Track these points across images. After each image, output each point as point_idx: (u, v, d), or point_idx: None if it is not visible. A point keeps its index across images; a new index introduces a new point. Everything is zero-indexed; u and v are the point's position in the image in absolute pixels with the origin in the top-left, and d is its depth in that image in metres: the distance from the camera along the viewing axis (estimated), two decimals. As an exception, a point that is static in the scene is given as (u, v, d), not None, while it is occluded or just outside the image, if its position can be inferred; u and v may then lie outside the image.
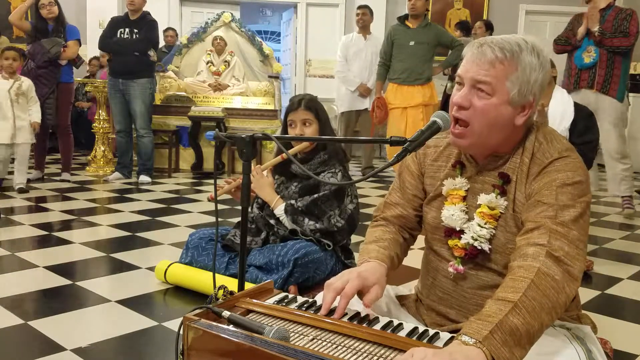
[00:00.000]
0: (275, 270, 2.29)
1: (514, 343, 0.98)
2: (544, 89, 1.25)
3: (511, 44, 1.21)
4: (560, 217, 1.14)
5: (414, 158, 1.43)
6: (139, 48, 5.26)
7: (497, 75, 1.20)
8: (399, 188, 1.45)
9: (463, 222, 1.30)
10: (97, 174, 5.75)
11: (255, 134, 1.30)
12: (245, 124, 6.07)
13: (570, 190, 1.17)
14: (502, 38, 1.23)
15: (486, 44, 1.22)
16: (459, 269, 1.31)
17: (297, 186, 2.46)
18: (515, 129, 1.24)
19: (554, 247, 1.11)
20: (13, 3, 7.99)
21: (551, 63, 3.11)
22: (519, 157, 1.25)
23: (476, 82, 1.21)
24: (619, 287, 2.72)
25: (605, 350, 1.36)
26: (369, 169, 6.26)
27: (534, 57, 1.21)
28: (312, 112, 2.38)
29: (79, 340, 1.93)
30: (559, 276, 1.08)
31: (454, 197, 1.32)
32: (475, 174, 1.31)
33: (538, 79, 1.21)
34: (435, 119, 1.21)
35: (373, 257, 1.30)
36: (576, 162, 1.21)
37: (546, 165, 1.21)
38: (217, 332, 1.03)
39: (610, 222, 4.25)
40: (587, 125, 2.93)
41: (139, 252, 3.05)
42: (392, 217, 1.43)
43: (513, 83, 1.20)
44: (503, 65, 1.20)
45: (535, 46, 1.22)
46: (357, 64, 6.15)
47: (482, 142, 1.25)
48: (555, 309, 1.06)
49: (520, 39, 1.23)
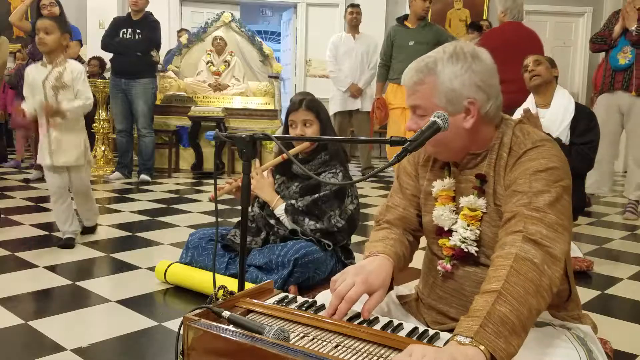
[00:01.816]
0: (275, 270, 2.29)
1: (508, 332, 0.98)
2: (487, 85, 1.24)
3: (427, 61, 1.25)
4: (535, 203, 1.15)
5: (410, 159, 1.45)
6: (141, 48, 5.27)
7: (423, 96, 1.25)
8: (399, 190, 1.47)
9: (452, 222, 1.32)
10: (97, 174, 5.75)
11: (255, 134, 1.30)
12: (245, 124, 6.08)
13: (544, 177, 1.17)
14: (423, 57, 1.27)
15: (407, 70, 1.28)
16: (446, 267, 1.32)
17: (297, 186, 2.46)
18: (472, 130, 1.26)
19: (531, 231, 1.11)
20: (13, 3, 7.99)
21: (552, 62, 3.13)
22: (497, 152, 1.27)
23: (411, 108, 1.28)
24: (619, 287, 2.72)
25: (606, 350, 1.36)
26: (368, 169, 6.26)
27: (453, 64, 1.23)
28: (313, 113, 2.38)
29: (79, 340, 1.93)
30: (539, 259, 1.08)
31: (443, 197, 1.34)
32: (458, 174, 1.34)
33: (466, 82, 1.23)
34: (435, 119, 1.20)
35: (380, 252, 1.31)
36: (550, 150, 1.22)
37: (520, 155, 1.23)
38: (217, 332, 1.03)
39: (610, 222, 4.25)
40: (588, 126, 2.94)
41: (139, 252, 3.05)
42: (395, 220, 1.44)
43: (439, 97, 1.24)
44: (423, 85, 1.25)
45: (456, 52, 1.24)
46: (347, 64, 6.08)
47: (445, 151, 1.29)
48: (540, 292, 1.05)
49: (439, 50, 1.26)
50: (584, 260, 2.95)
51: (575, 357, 1.17)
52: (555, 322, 1.28)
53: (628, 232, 3.92)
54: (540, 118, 2.94)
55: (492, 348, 0.95)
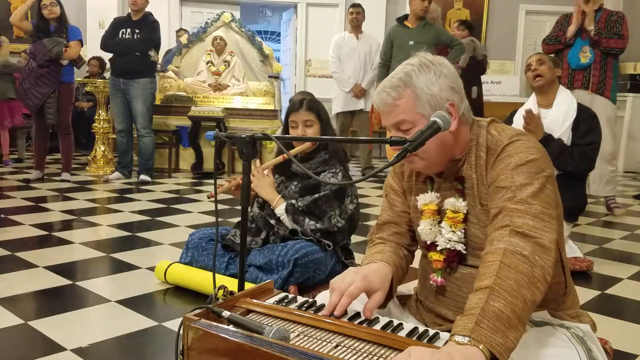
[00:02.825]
0: (275, 270, 2.29)
1: (504, 327, 0.98)
2: (459, 86, 1.28)
3: (400, 77, 1.26)
4: (519, 196, 1.15)
5: (394, 177, 1.47)
6: (141, 48, 5.27)
7: (405, 109, 1.26)
8: (389, 207, 1.48)
9: (434, 235, 1.33)
10: (97, 174, 5.75)
11: (255, 134, 1.30)
12: (245, 124, 6.07)
13: (525, 170, 1.18)
14: (392, 75, 1.29)
15: (381, 91, 1.29)
16: (437, 280, 1.33)
17: (297, 186, 2.46)
18: (456, 132, 1.27)
19: (517, 224, 1.11)
20: (13, 3, 7.99)
21: (556, 62, 3.12)
22: (475, 153, 1.28)
23: (395, 125, 1.28)
24: (619, 287, 2.72)
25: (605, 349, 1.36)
26: (368, 169, 6.26)
27: (427, 73, 1.25)
28: (313, 113, 2.39)
29: (79, 340, 1.93)
30: (528, 250, 1.08)
31: (427, 212, 1.34)
32: (442, 183, 1.34)
33: (443, 85, 1.25)
34: (435, 119, 1.21)
35: (379, 260, 1.32)
36: (527, 143, 1.23)
37: (499, 152, 1.24)
38: (217, 332, 1.03)
39: (610, 222, 4.25)
40: (590, 127, 2.93)
41: (139, 252, 3.05)
42: (388, 236, 1.45)
43: (421, 106, 1.25)
44: (403, 99, 1.25)
45: (423, 62, 1.27)
46: (350, 64, 6.06)
47: (435, 161, 1.29)
48: (534, 283, 1.05)
49: (408, 65, 1.28)
50: (584, 260, 2.95)
51: (575, 357, 1.17)
52: (554, 322, 1.28)
53: (628, 232, 3.92)
54: (542, 118, 2.93)
55: (490, 344, 0.96)
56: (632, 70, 7.73)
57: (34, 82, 5.03)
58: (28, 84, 5.06)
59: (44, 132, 5.34)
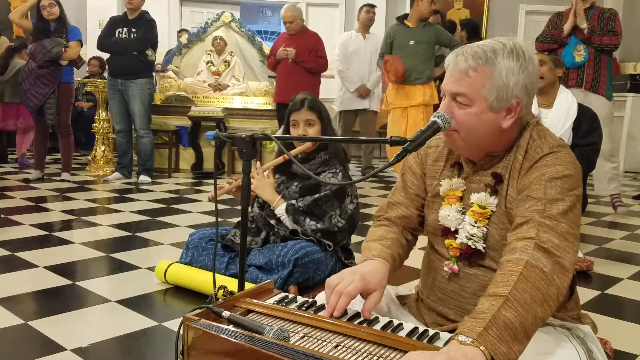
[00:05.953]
0: (275, 270, 2.29)
1: (510, 338, 0.98)
2: (533, 89, 1.24)
3: (485, 50, 1.20)
4: (549, 211, 1.14)
5: (416, 158, 1.43)
6: (137, 47, 5.24)
7: (472, 84, 1.20)
8: (402, 188, 1.45)
9: (458, 222, 1.30)
10: (97, 174, 5.75)
11: (255, 134, 1.30)
12: (245, 124, 6.07)
13: (559, 184, 1.16)
14: (479, 44, 1.22)
15: (460, 54, 1.22)
16: (453, 268, 1.31)
17: (297, 186, 2.46)
18: (505, 130, 1.24)
19: (543, 240, 1.10)
20: (13, 3, 7.99)
21: (557, 62, 3.12)
22: (513, 154, 1.26)
23: (453, 94, 1.22)
24: (619, 287, 2.72)
25: (606, 350, 1.36)
26: (368, 169, 6.26)
27: (512, 61, 1.19)
28: (315, 113, 2.39)
29: (79, 340, 1.93)
30: (548, 268, 1.07)
31: (450, 197, 1.32)
32: (472, 174, 1.31)
33: (519, 81, 1.20)
34: (435, 119, 1.21)
35: (376, 255, 1.30)
36: (566, 157, 1.21)
37: (537, 160, 1.21)
38: (217, 332, 1.03)
39: (610, 222, 4.25)
40: (590, 127, 2.93)
41: (139, 252, 3.05)
42: (396, 218, 1.43)
43: (490, 90, 1.19)
44: (477, 73, 1.19)
45: (515, 48, 1.21)
46: (356, 63, 6.07)
47: (472, 146, 1.26)
48: (547, 301, 1.05)
49: (499, 42, 1.22)
50: (584, 260, 2.95)
51: (575, 357, 1.17)
52: (554, 322, 1.28)
53: (628, 232, 3.92)
54: (543, 119, 2.93)
55: (494, 351, 0.95)
56: (632, 70, 7.73)
57: (34, 83, 5.02)
58: (28, 84, 5.06)
59: (44, 132, 5.34)
